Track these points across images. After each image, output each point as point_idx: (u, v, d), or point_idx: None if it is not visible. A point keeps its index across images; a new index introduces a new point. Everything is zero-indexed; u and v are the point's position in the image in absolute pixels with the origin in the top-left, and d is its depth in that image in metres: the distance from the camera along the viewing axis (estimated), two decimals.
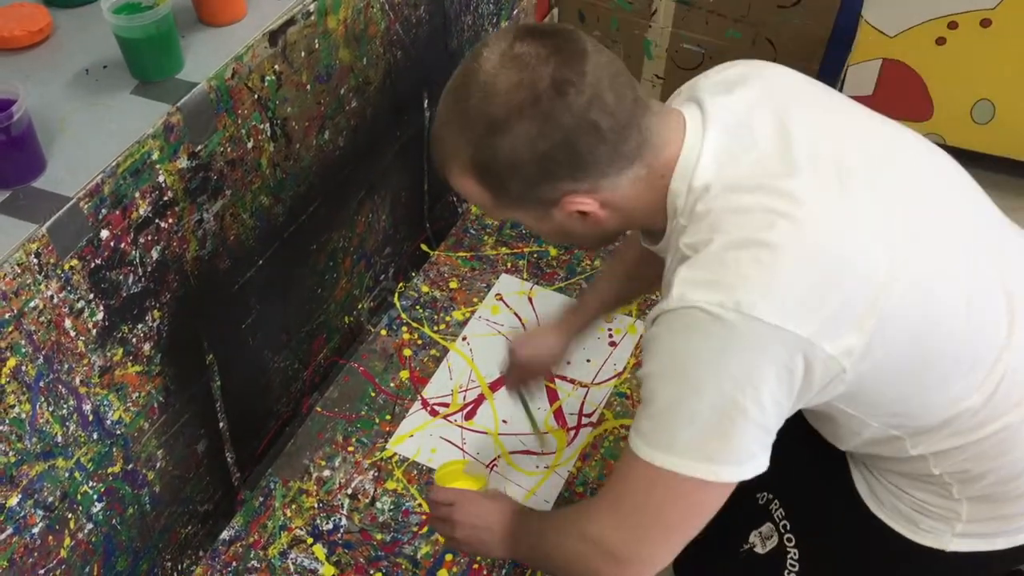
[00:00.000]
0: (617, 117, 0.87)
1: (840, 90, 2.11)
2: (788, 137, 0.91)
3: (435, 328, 1.68)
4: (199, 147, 1.11)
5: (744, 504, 1.28)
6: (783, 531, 1.20)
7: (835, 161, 0.90)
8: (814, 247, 0.86)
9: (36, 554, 1.06)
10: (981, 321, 0.94)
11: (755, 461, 0.91)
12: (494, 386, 1.59)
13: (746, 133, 0.91)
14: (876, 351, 0.88)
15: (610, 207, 0.93)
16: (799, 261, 0.85)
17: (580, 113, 0.85)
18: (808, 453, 1.20)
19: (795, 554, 1.19)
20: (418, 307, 1.72)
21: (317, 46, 1.27)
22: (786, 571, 1.19)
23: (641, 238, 1.06)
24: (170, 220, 1.10)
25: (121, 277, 1.05)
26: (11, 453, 0.98)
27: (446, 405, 1.56)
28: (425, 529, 1.40)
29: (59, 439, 1.04)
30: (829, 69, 2.07)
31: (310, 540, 1.39)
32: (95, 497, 1.13)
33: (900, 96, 2.14)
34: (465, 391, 1.58)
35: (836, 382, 0.89)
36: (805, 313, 0.85)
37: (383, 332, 1.68)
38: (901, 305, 0.88)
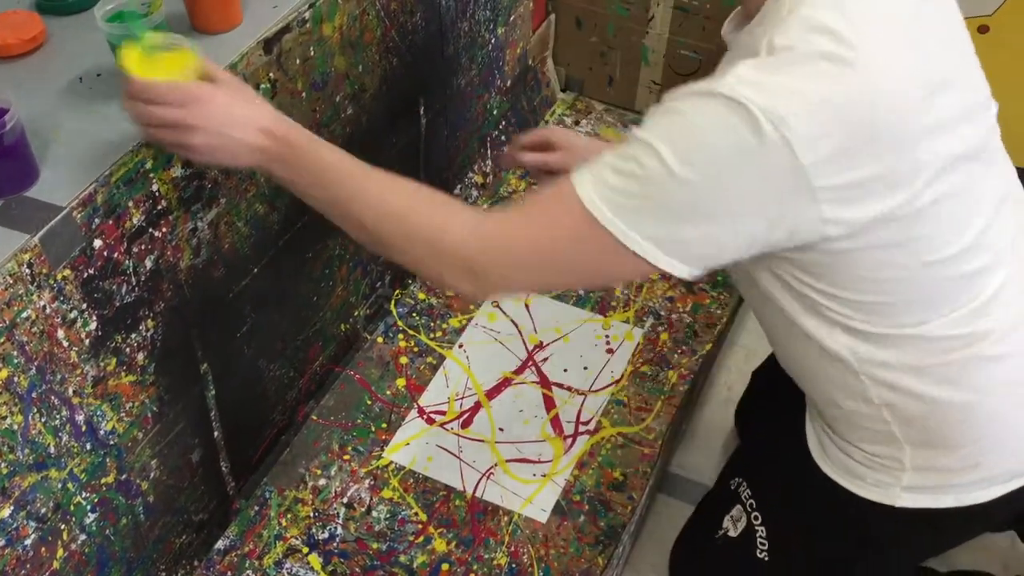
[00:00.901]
0: None
1: None
2: (918, 17, 0.90)
3: (432, 336, 1.68)
4: None
5: (718, 492, 1.31)
6: (750, 510, 1.22)
7: (941, 65, 0.91)
8: (881, 114, 0.83)
9: (29, 566, 1.05)
10: (966, 279, 0.95)
11: (690, 267, 0.87)
12: (490, 394, 1.58)
13: None
14: (863, 236, 0.87)
15: None
16: (860, 113, 0.82)
17: None
18: (771, 430, 1.23)
19: (763, 532, 1.21)
20: (415, 314, 1.71)
21: (312, 53, 1.27)
22: (757, 549, 1.21)
23: (725, 26, 1.02)
24: (164, 229, 1.10)
25: (114, 287, 1.04)
26: (3, 464, 0.97)
27: (443, 413, 1.56)
28: (421, 539, 1.39)
29: (52, 450, 1.03)
30: None
31: (305, 549, 1.38)
32: (88, 508, 1.12)
33: None
34: (462, 399, 1.58)
35: (814, 244, 0.87)
36: (832, 161, 0.82)
37: (379, 340, 1.67)
38: (912, 216, 0.87)
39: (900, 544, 1.16)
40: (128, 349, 1.10)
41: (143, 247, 1.07)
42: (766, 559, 1.21)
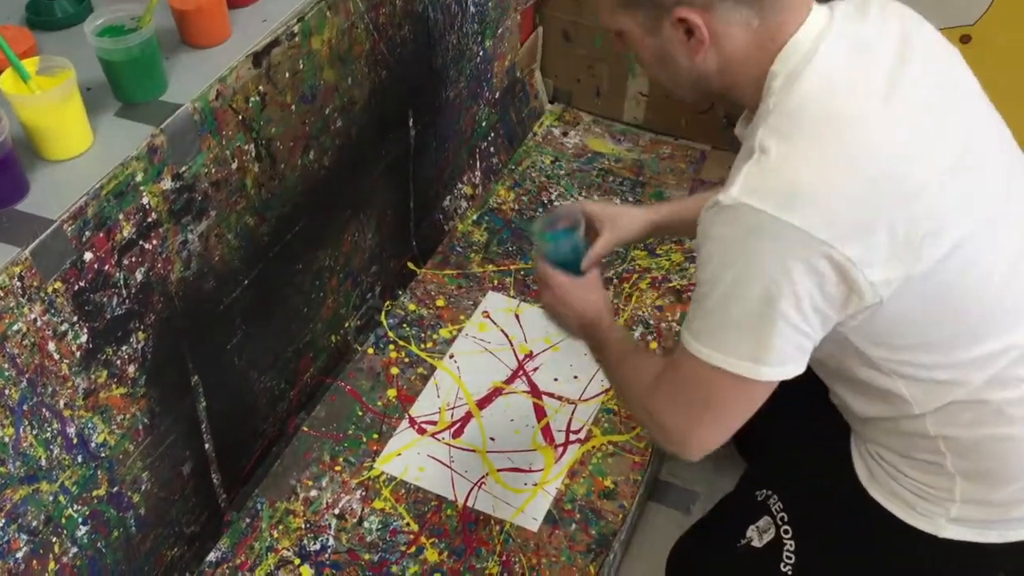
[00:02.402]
0: None
1: None
2: (904, 64, 0.93)
3: (422, 346, 1.68)
4: (183, 168, 1.11)
5: (742, 501, 1.31)
6: (781, 523, 1.22)
7: (937, 108, 0.94)
8: (884, 177, 0.89)
9: None
10: (1016, 296, 0.98)
11: (794, 364, 0.95)
12: (481, 404, 1.59)
13: (869, 44, 0.94)
14: (908, 290, 0.91)
15: (715, 41, 0.94)
16: (860, 186, 0.88)
17: None
18: (810, 447, 1.24)
19: (791, 545, 1.20)
20: (405, 325, 1.72)
21: (301, 66, 1.28)
22: (782, 563, 1.20)
23: (738, 125, 1.07)
24: (154, 242, 1.10)
25: (105, 299, 1.05)
26: None
27: (434, 423, 1.56)
28: (413, 548, 1.39)
29: (43, 463, 1.03)
30: None
31: (297, 561, 1.38)
32: (80, 520, 1.12)
33: None
34: (453, 409, 1.58)
35: (867, 309, 0.92)
36: (854, 237, 0.88)
37: (370, 351, 1.67)
38: (944, 261, 0.91)
39: (937, 573, 1.16)
40: (119, 361, 1.10)
41: (134, 259, 1.07)
42: (789, 573, 1.21)
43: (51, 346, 0.99)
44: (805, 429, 1.28)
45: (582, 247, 1.24)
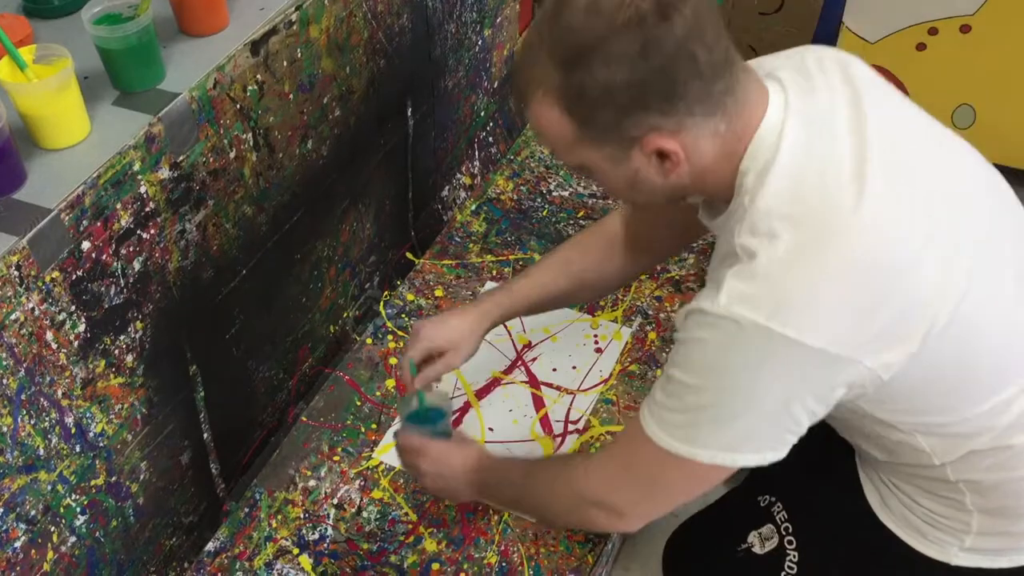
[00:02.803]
0: (714, 54, 0.86)
1: None
2: (864, 136, 0.90)
3: None
4: (181, 157, 1.11)
5: (745, 505, 1.30)
6: (784, 533, 1.20)
7: (906, 168, 0.91)
8: (866, 268, 0.86)
9: (18, 568, 1.05)
10: (1019, 342, 0.96)
11: (776, 452, 0.95)
12: (480, 394, 1.59)
13: (827, 125, 0.91)
14: (916, 363, 0.89)
15: (688, 156, 0.90)
16: (849, 283, 0.86)
17: (681, 41, 0.84)
18: (818, 459, 1.22)
19: (795, 556, 1.19)
20: (403, 315, 1.71)
21: (299, 55, 1.27)
22: (783, 572, 1.19)
23: (700, 212, 1.04)
24: (152, 231, 1.10)
25: (103, 289, 1.05)
26: None
27: None
28: (412, 539, 1.39)
29: (41, 452, 1.03)
30: None
31: (296, 551, 1.38)
32: (78, 510, 1.12)
33: None
34: (451, 399, 1.58)
35: (871, 387, 0.91)
36: (848, 334, 0.86)
37: (368, 341, 1.67)
38: (949, 323, 0.88)
39: None
40: (117, 351, 1.10)
41: (131, 249, 1.07)
42: None
43: (49, 335, 0.99)
44: (813, 437, 1.26)
45: (446, 417, 1.28)
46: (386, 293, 1.76)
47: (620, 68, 0.84)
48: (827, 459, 1.21)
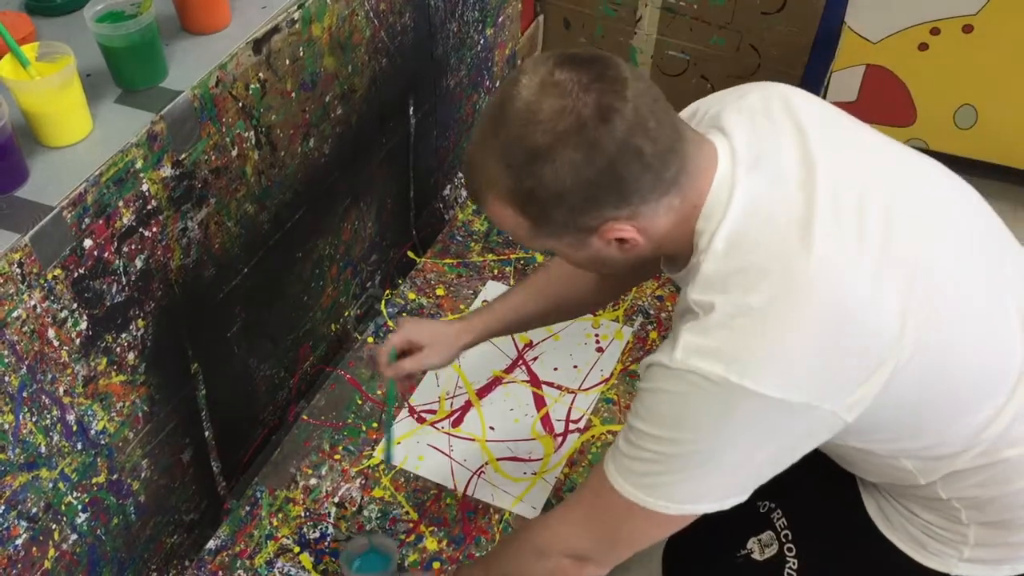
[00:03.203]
0: (659, 143, 0.86)
1: (824, 96, 2.13)
2: (813, 179, 0.89)
3: None
4: (183, 155, 1.11)
5: (744, 511, 1.29)
6: (784, 540, 1.20)
7: (856, 206, 0.89)
8: (822, 315, 0.85)
9: (20, 566, 1.05)
10: (998, 357, 0.94)
11: (739, 498, 0.94)
12: (481, 393, 1.59)
13: (773, 172, 0.91)
14: (882, 399, 0.88)
15: (646, 234, 0.91)
16: (805, 331, 0.85)
17: (624, 139, 0.84)
18: (817, 468, 1.21)
19: (794, 564, 1.19)
20: (405, 314, 1.71)
21: (302, 54, 1.27)
22: None
23: (663, 263, 1.04)
24: (154, 229, 1.10)
25: (105, 286, 1.05)
26: None
27: (433, 412, 1.56)
28: (412, 537, 1.40)
29: (43, 450, 1.03)
30: (813, 75, 2.09)
31: (297, 549, 1.38)
32: (79, 508, 1.12)
33: (883, 102, 2.15)
34: (452, 398, 1.58)
35: (841, 431, 0.90)
36: (808, 382, 0.85)
37: (370, 339, 1.67)
38: (914, 353, 0.87)
39: None
40: (119, 349, 1.10)
41: (133, 247, 1.07)
42: None
43: (51, 333, 0.99)
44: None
45: (391, 563, 1.32)
46: (387, 292, 1.76)
47: (568, 173, 0.85)
48: (827, 466, 1.21)
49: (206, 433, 1.34)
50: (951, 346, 0.91)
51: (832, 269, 0.86)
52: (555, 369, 1.62)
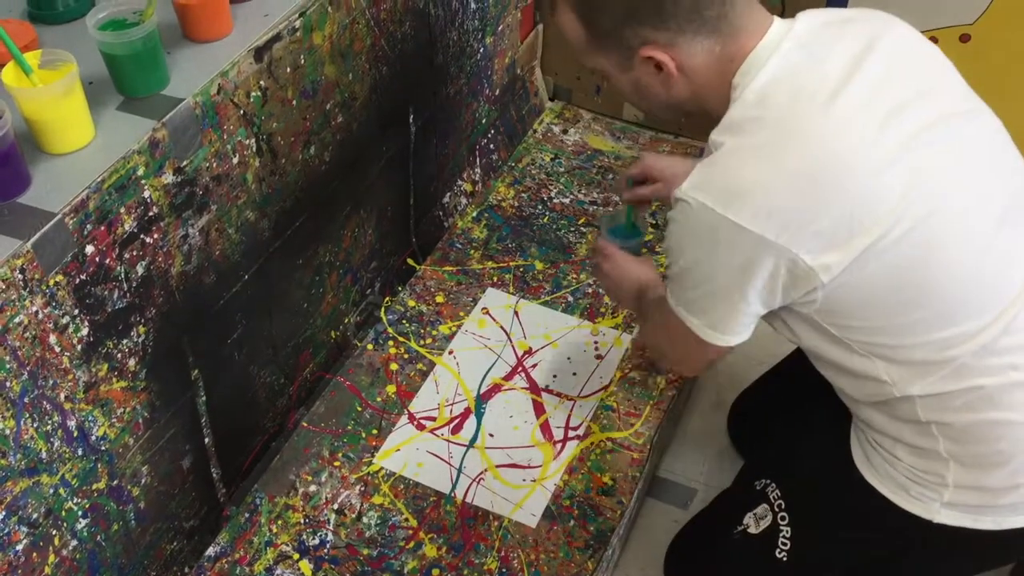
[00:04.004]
0: None
1: None
2: (855, 73, 0.97)
3: (421, 342, 1.68)
4: (184, 162, 1.11)
5: (741, 491, 1.32)
6: (778, 510, 1.24)
7: (893, 109, 0.96)
8: (813, 167, 0.93)
9: (20, 571, 1.05)
10: (994, 277, 0.99)
11: (739, 335, 1.07)
12: (480, 400, 1.59)
13: (818, 56, 0.98)
14: (857, 273, 0.95)
15: (683, 71, 1.01)
16: (795, 176, 0.94)
17: None
18: (809, 432, 1.27)
19: (787, 532, 1.22)
20: (404, 321, 1.72)
21: (303, 62, 1.28)
22: (777, 548, 1.22)
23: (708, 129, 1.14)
24: (155, 235, 1.10)
25: (106, 292, 1.05)
26: None
27: (433, 419, 1.56)
28: (412, 544, 1.40)
29: (43, 455, 1.03)
30: None
31: (296, 556, 1.38)
32: (80, 514, 1.12)
33: None
34: (452, 405, 1.58)
35: (814, 291, 0.98)
36: (786, 225, 0.94)
37: (369, 346, 1.68)
38: (899, 241, 0.94)
39: (930, 562, 1.17)
40: (120, 355, 1.10)
41: (135, 253, 1.08)
42: (784, 559, 1.22)
43: (52, 339, 0.99)
44: (803, 421, 1.30)
45: (641, 238, 1.44)
46: (387, 299, 1.76)
47: None
48: (819, 430, 1.26)
49: (206, 439, 1.35)
50: (946, 251, 0.97)
51: (841, 134, 0.94)
52: (554, 376, 1.63)
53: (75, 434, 1.07)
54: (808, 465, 1.26)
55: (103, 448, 1.13)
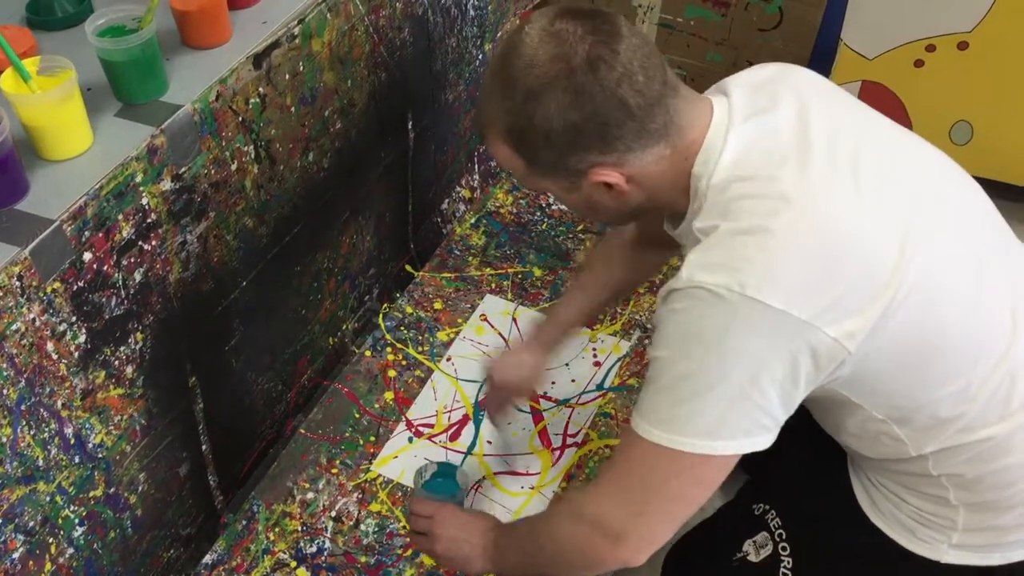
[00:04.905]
0: (646, 96, 0.92)
1: None
2: (807, 129, 0.95)
3: (420, 349, 1.68)
4: (183, 169, 1.11)
5: (739, 515, 1.31)
6: (778, 540, 1.22)
7: (852, 155, 0.95)
8: (820, 233, 0.90)
9: None
10: (987, 323, 0.98)
11: (755, 439, 0.94)
12: (479, 406, 1.59)
13: (769, 122, 0.96)
14: (880, 336, 0.91)
15: (635, 182, 0.97)
16: (804, 247, 0.89)
17: (610, 89, 0.91)
18: (809, 466, 1.24)
19: (789, 563, 1.20)
20: (402, 328, 1.72)
21: (301, 68, 1.28)
22: None
23: (664, 223, 1.09)
24: (153, 242, 1.10)
25: (104, 300, 1.05)
26: None
27: (431, 426, 1.56)
28: (410, 552, 1.39)
29: (40, 463, 1.03)
30: None
31: (293, 563, 1.38)
32: (76, 521, 1.12)
33: None
34: (450, 412, 1.58)
35: (841, 365, 0.92)
36: (807, 297, 0.89)
37: (367, 353, 1.67)
38: (908, 296, 0.91)
39: None
40: (117, 362, 1.10)
41: (133, 260, 1.07)
42: None
43: (49, 346, 0.99)
44: (806, 445, 1.27)
45: (462, 491, 1.35)
46: (385, 305, 1.76)
47: (556, 116, 0.92)
48: (819, 466, 1.24)
49: (203, 447, 1.34)
50: (942, 302, 0.94)
51: (828, 194, 0.92)
52: (552, 383, 1.62)
53: (72, 441, 1.07)
54: (809, 499, 1.23)
55: (100, 456, 1.12)
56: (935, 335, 0.94)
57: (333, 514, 1.44)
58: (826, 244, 0.89)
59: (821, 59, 2.06)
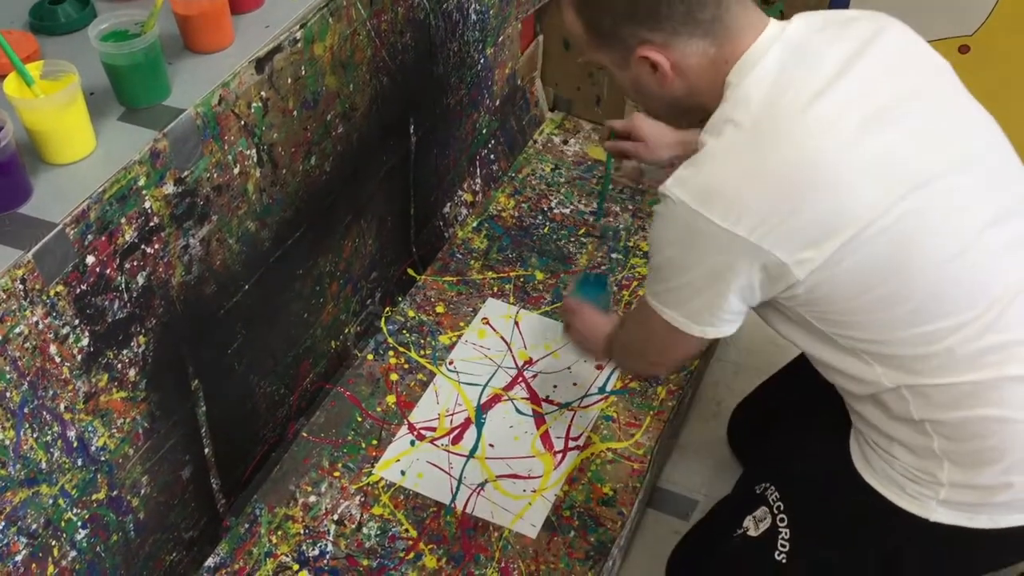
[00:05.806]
0: None
1: None
2: (847, 71, 0.99)
3: (421, 352, 1.68)
4: (185, 173, 1.11)
5: (741, 496, 1.33)
6: (777, 512, 1.25)
7: (876, 105, 0.98)
8: (789, 168, 0.96)
9: None
10: (971, 280, 1.01)
11: (718, 328, 1.08)
12: (481, 410, 1.59)
13: (811, 55, 1.01)
14: (832, 268, 0.98)
15: (678, 71, 1.04)
16: (769, 177, 0.96)
17: None
18: (810, 438, 1.30)
19: (786, 533, 1.23)
20: (404, 331, 1.72)
21: (304, 73, 1.28)
22: (776, 550, 1.23)
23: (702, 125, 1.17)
24: (156, 246, 1.10)
25: (107, 303, 1.05)
26: None
27: (433, 429, 1.56)
28: (412, 555, 1.39)
29: (43, 466, 1.03)
30: None
31: (296, 567, 1.38)
32: (79, 524, 1.12)
33: None
34: (452, 415, 1.58)
35: (794, 286, 1.00)
36: (761, 224, 0.96)
37: (369, 357, 1.68)
38: (872, 241, 0.96)
39: (930, 563, 1.18)
40: (120, 365, 1.10)
41: (135, 263, 1.08)
42: (783, 561, 1.23)
43: (52, 349, 0.99)
44: (802, 428, 1.31)
45: (608, 296, 1.53)
46: (387, 309, 1.76)
47: None
48: (818, 438, 1.28)
49: (206, 450, 1.34)
50: (917, 248, 0.99)
51: (816, 135, 0.97)
52: (554, 387, 1.63)
53: (75, 444, 1.07)
54: (806, 467, 1.27)
55: (103, 459, 1.13)
56: (901, 279, 0.99)
57: (335, 517, 1.44)
58: (790, 179, 0.96)
59: None
